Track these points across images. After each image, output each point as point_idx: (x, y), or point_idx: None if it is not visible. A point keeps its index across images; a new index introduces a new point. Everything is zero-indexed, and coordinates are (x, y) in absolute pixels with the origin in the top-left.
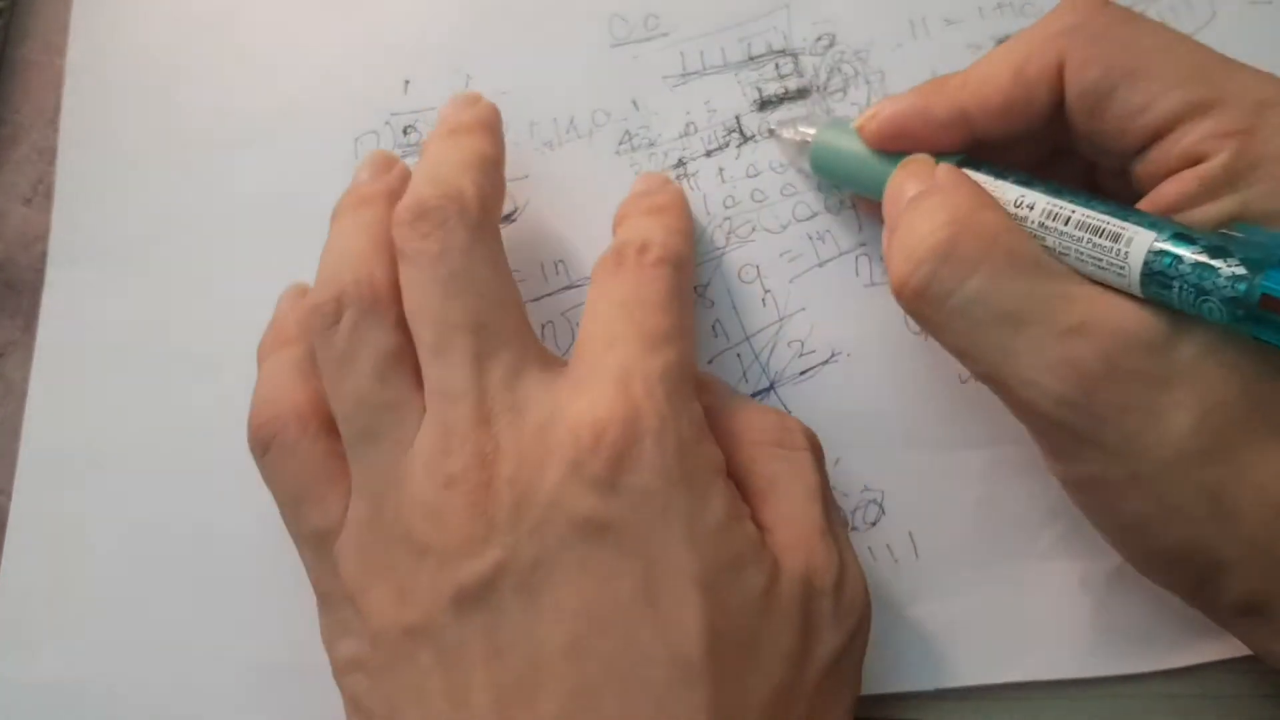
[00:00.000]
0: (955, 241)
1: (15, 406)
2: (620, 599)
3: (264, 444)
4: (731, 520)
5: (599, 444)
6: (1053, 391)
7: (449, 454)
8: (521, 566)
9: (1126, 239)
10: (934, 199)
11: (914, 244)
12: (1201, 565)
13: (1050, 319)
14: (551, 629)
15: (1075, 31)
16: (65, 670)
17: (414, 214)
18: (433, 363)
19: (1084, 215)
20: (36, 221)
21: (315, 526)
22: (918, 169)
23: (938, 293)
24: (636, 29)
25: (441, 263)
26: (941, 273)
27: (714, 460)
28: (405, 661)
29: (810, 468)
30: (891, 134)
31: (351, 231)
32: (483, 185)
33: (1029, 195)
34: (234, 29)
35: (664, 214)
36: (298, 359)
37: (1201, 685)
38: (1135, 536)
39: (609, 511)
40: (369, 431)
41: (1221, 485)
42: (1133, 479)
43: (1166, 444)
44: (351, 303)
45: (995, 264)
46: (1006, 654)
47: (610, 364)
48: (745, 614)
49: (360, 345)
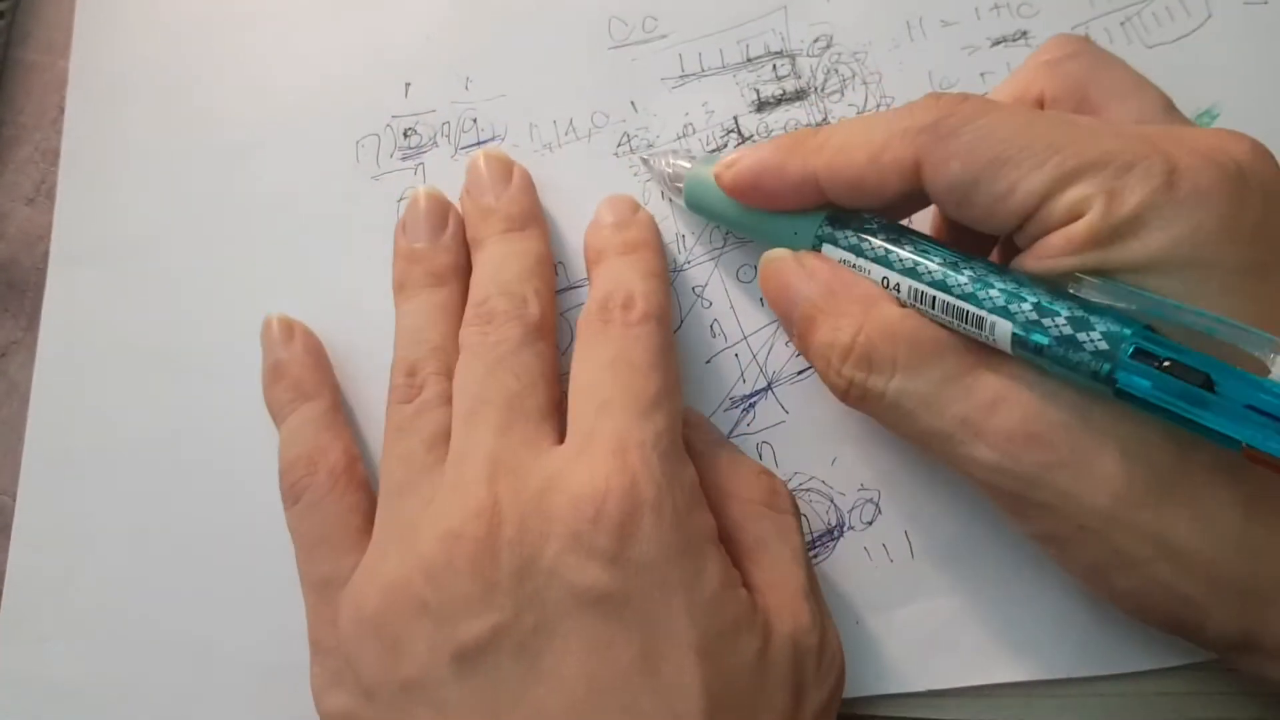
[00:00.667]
0: (869, 350)
1: (18, 406)
2: (621, 667)
3: (295, 496)
4: (725, 588)
5: (599, 516)
6: (986, 462)
7: (451, 509)
8: (522, 630)
9: (989, 326)
10: (828, 308)
11: (837, 361)
12: (1172, 606)
13: (968, 397)
14: (551, 693)
15: (933, 129)
16: (71, 669)
17: (483, 320)
18: (459, 429)
19: (945, 301)
20: (39, 222)
21: (324, 573)
22: (788, 267)
23: (872, 398)
24: (635, 31)
25: (492, 350)
26: (871, 381)
27: (707, 528)
28: (401, 717)
29: (794, 530)
30: (746, 185)
31: (427, 314)
32: (543, 291)
33: (892, 275)
34: (235, 32)
35: (639, 254)
36: (325, 413)
37: (1193, 683)
38: (1101, 583)
39: (610, 583)
40: (401, 486)
41: (1164, 527)
42: (1080, 531)
43: (1100, 495)
44: (429, 389)
45: (907, 359)
46: (1000, 654)
47: (606, 432)
48: (742, 677)
49: (423, 420)
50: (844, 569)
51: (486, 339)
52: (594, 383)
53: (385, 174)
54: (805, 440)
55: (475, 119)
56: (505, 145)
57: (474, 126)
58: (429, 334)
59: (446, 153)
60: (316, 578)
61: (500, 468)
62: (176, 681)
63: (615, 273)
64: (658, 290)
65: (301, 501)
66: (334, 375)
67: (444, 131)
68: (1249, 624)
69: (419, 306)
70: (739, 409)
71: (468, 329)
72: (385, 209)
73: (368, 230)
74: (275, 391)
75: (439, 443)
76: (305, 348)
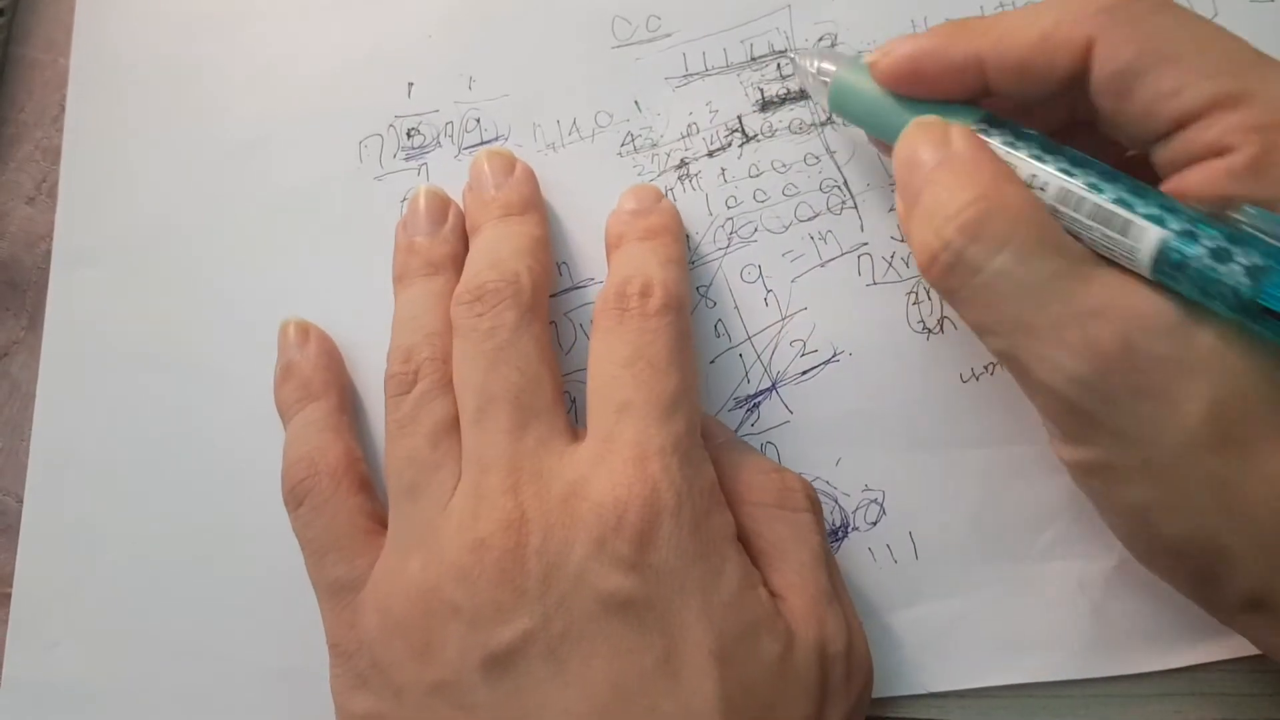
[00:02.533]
0: (983, 219)
1: (21, 405)
2: (644, 670)
3: (298, 500)
4: (744, 589)
5: (621, 523)
6: (1069, 370)
7: (479, 518)
8: (550, 636)
9: (1135, 233)
10: (956, 171)
11: (941, 220)
12: (1206, 557)
13: (1072, 299)
14: (578, 696)
15: (1112, 11)
16: (78, 672)
17: (473, 296)
18: (471, 430)
19: (1095, 203)
20: (40, 221)
21: (338, 577)
22: (930, 133)
23: (965, 269)
24: (639, 30)
25: (489, 339)
26: (970, 250)
27: (726, 529)
28: (430, 718)
29: (812, 529)
30: (905, 71)
31: (423, 302)
32: (536, 269)
33: (1042, 174)
34: (237, 33)
35: (660, 240)
36: (328, 414)
37: (1196, 685)
38: (1140, 525)
39: (632, 589)
40: (413, 487)
41: (1231, 476)
42: (1142, 465)
43: (1178, 431)
44: (425, 376)
45: (1023, 242)
46: (1002, 656)
47: (627, 438)
48: (762, 681)
49: (423, 413)
50: (848, 570)
51: (480, 323)
52: (613, 381)
53: (388, 174)
54: (810, 441)
55: (479, 119)
56: (509, 145)
57: (477, 126)
58: (424, 320)
59: (450, 153)
60: (330, 582)
61: (523, 475)
62: (185, 685)
63: (634, 258)
64: (677, 278)
65: (305, 505)
66: (345, 376)
67: (447, 131)
68: (1276, 585)
69: (416, 295)
70: (743, 409)
71: (458, 306)
72: (389, 209)
73: (371, 230)
74: (284, 392)
75: (443, 436)
76: (319, 349)
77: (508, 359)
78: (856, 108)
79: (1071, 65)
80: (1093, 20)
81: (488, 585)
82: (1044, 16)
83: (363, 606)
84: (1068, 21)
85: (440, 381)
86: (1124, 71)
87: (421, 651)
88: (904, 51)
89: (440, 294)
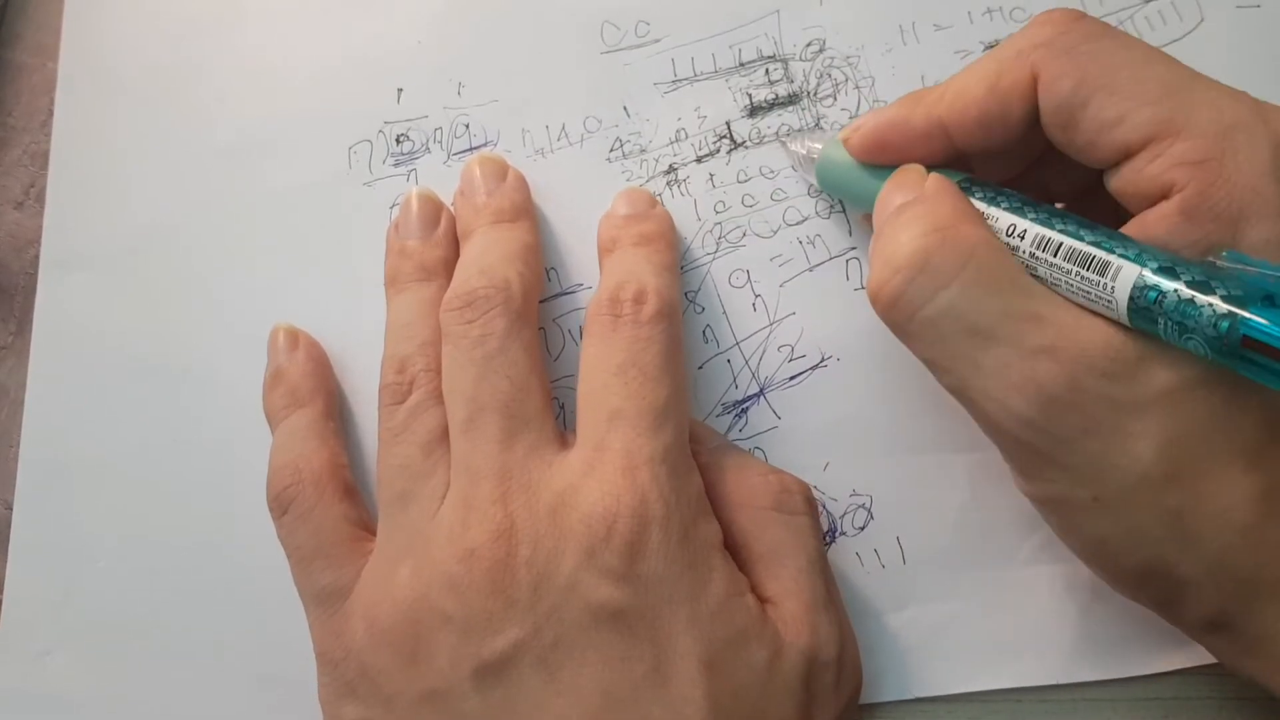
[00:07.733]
0: (932, 252)
1: (9, 412)
2: (634, 680)
3: (282, 507)
4: (731, 597)
5: (611, 534)
6: (1016, 410)
7: (469, 528)
8: (541, 646)
9: (1113, 272)
10: (918, 208)
11: (892, 251)
12: (1165, 584)
13: (1019, 338)
14: (570, 705)
15: (1048, 45)
16: (68, 680)
17: (463, 302)
18: (461, 439)
19: (1072, 245)
20: (29, 226)
21: (324, 585)
22: (907, 179)
23: (911, 302)
24: (628, 35)
25: (479, 346)
26: (917, 282)
27: (713, 537)
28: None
29: (810, 533)
30: (874, 145)
31: (416, 309)
32: (526, 276)
33: (1020, 223)
34: (226, 37)
35: (654, 247)
36: (314, 420)
37: (1182, 689)
38: (1100, 555)
39: (622, 600)
40: (404, 495)
41: (1183, 509)
42: (1095, 501)
43: (1129, 469)
44: (419, 387)
45: (970, 278)
46: (991, 660)
47: (616, 447)
48: (749, 688)
49: (417, 423)
50: (836, 575)
51: (470, 330)
52: (604, 388)
53: (378, 180)
54: (797, 446)
55: (468, 124)
56: (498, 150)
57: (466, 132)
58: (418, 329)
59: (439, 158)
60: (317, 590)
61: (512, 485)
62: (176, 693)
63: (627, 264)
64: (670, 285)
65: (290, 513)
66: (333, 382)
67: (436, 137)
68: (1233, 610)
69: (408, 301)
70: (731, 414)
71: (448, 312)
72: (378, 215)
73: (360, 236)
74: (272, 398)
75: (435, 446)
76: (307, 356)
77: (497, 367)
78: (843, 181)
79: (1024, 107)
80: (1031, 56)
81: (478, 595)
82: (988, 67)
83: (350, 614)
84: (1009, 65)
85: (434, 393)
86: (1066, 104)
87: (410, 660)
88: (870, 126)
89: (433, 301)
